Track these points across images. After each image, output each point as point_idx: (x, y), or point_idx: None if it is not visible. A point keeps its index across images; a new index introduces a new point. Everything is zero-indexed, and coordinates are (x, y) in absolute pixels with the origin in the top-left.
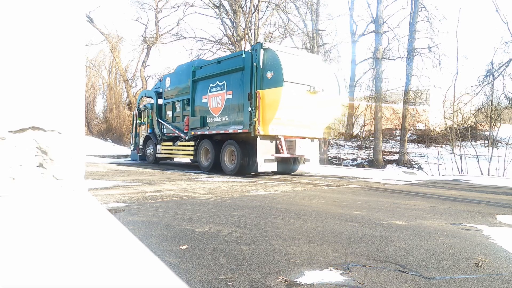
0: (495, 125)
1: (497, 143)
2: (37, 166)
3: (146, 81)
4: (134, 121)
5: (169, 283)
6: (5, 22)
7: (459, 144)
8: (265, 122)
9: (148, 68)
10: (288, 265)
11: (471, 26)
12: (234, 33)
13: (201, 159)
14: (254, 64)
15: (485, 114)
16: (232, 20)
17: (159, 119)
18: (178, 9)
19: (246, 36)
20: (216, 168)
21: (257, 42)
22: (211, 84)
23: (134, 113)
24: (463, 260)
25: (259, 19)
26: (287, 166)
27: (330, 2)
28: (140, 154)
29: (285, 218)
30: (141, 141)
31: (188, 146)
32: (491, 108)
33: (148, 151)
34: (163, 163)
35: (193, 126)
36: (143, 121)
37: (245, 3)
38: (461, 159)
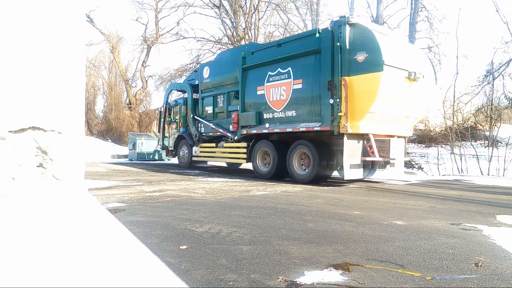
0: (495, 125)
1: (497, 143)
2: (37, 166)
3: (146, 81)
4: (162, 119)
5: (169, 283)
6: (5, 22)
7: (459, 144)
8: (355, 117)
9: (148, 68)
10: (288, 265)
11: (471, 26)
12: (234, 33)
13: (257, 164)
14: (337, 44)
15: (485, 114)
16: (232, 20)
17: (195, 116)
18: (178, 9)
19: (246, 36)
20: (279, 175)
21: (340, 16)
22: (269, 72)
23: (161, 110)
24: (463, 260)
25: (259, 19)
26: (365, 171)
27: (330, 2)
28: (171, 156)
29: (285, 218)
30: (171, 141)
31: (239, 148)
32: (491, 108)
33: (181, 153)
34: (162, 163)
35: (245, 124)
36: (174, 118)
37: (245, 3)
38: (461, 159)
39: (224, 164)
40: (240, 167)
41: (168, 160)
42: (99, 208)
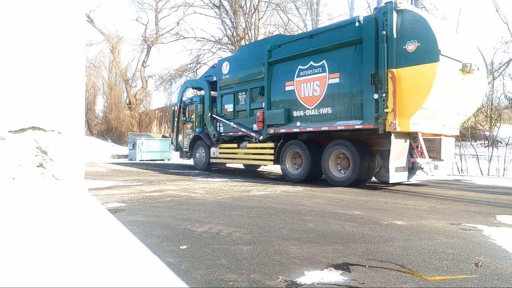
0: (495, 125)
1: (497, 143)
2: (37, 166)
3: (146, 81)
4: (176, 118)
5: (169, 283)
6: (5, 22)
7: (459, 144)
8: (405, 114)
9: (148, 68)
10: (288, 265)
11: (471, 26)
12: (234, 33)
13: (287, 166)
14: (383, 33)
15: (485, 114)
16: (232, 20)
17: (213, 115)
18: (178, 9)
19: (246, 36)
20: (312, 178)
21: (386, 2)
22: (300, 66)
23: (175, 109)
24: (463, 260)
25: (259, 19)
26: (409, 173)
27: (330, 2)
28: (186, 158)
29: (285, 218)
30: (186, 142)
31: (265, 148)
32: (491, 108)
33: (198, 155)
34: (162, 164)
35: (272, 123)
36: (189, 118)
37: (245, 3)
38: (461, 159)
39: (242, 166)
40: (258, 169)
41: (168, 160)
42: (99, 208)
